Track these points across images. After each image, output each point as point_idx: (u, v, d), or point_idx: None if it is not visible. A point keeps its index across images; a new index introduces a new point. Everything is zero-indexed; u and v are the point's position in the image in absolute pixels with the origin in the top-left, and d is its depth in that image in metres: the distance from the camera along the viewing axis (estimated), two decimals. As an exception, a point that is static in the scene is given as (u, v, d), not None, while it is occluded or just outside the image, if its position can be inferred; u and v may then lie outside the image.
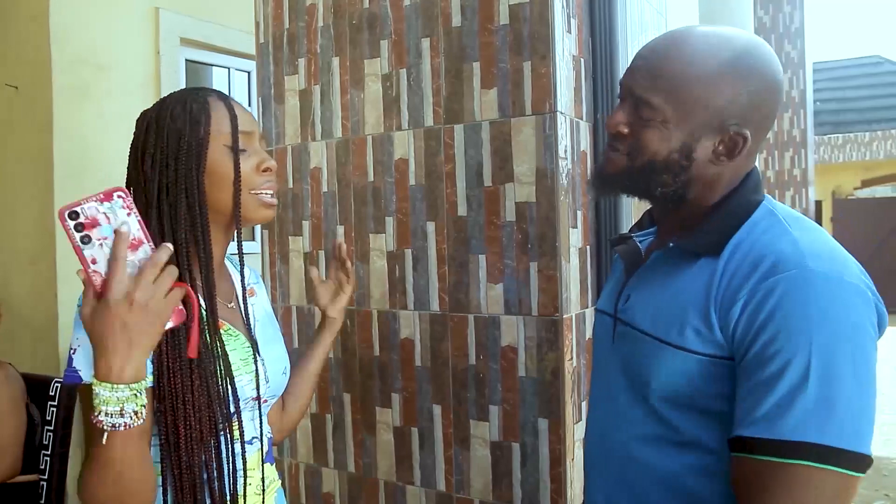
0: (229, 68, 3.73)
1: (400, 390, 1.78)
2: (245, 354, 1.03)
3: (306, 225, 1.96)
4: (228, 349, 0.99)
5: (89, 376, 0.87)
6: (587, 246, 1.72)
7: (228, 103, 1.02)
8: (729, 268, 0.84)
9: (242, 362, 1.02)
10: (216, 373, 0.95)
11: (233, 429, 0.98)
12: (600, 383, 1.05)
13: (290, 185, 1.98)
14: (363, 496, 1.87)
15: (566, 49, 1.61)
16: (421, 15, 1.73)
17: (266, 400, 1.08)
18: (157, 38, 3.22)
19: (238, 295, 1.11)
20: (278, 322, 1.30)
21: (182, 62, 3.41)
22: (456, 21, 1.67)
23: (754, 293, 0.80)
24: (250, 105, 3.75)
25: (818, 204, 10.47)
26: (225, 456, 0.95)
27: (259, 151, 1.04)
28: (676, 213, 0.96)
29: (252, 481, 1.03)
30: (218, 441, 0.94)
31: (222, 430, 0.95)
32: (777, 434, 0.75)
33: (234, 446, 0.98)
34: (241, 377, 1.00)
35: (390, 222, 1.80)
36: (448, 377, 1.70)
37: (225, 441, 0.95)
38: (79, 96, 2.92)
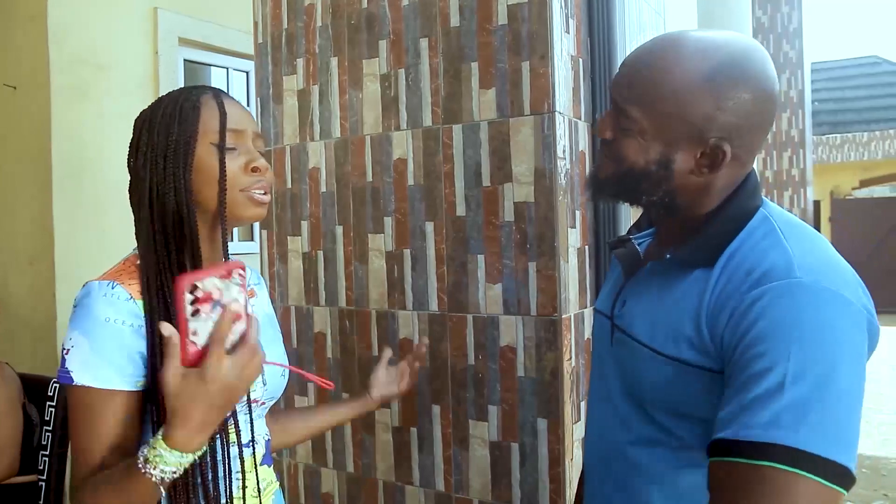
0: (228, 68, 3.73)
1: (399, 390, 1.78)
2: None
3: (305, 225, 1.96)
4: None
5: (82, 378, 0.88)
6: (586, 246, 1.72)
7: (220, 101, 1.00)
8: (722, 279, 0.84)
9: None
10: None
11: (228, 431, 0.97)
12: (599, 384, 1.05)
13: (289, 186, 1.98)
14: (362, 496, 1.87)
15: (564, 49, 1.61)
16: (419, 15, 1.73)
17: (264, 402, 1.08)
18: (156, 38, 3.22)
19: None
20: (277, 322, 1.30)
21: (180, 62, 3.41)
22: (454, 21, 1.67)
23: (741, 301, 0.79)
24: (249, 105, 3.75)
25: (816, 204, 10.47)
26: (220, 459, 0.95)
27: (250, 150, 1.02)
28: (672, 220, 0.96)
29: (248, 484, 1.02)
30: (213, 443, 0.94)
31: (217, 433, 0.94)
32: (746, 435, 0.73)
33: (230, 449, 0.98)
34: None
35: (389, 222, 1.80)
36: (447, 377, 1.70)
37: (221, 444, 0.95)
38: (77, 96, 2.92)
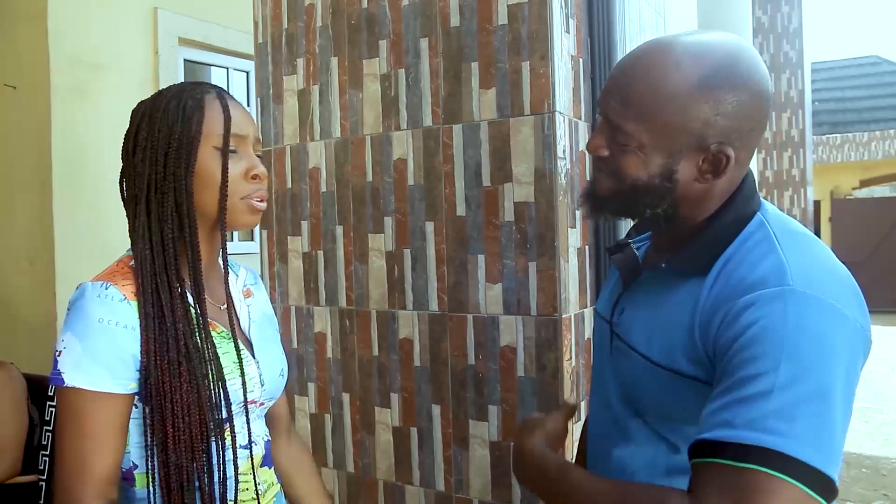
0: (228, 68, 3.73)
1: (399, 390, 1.78)
2: (236, 357, 1.01)
3: (305, 225, 1.96)
4: (220, 352, 0.98)
5: (73, 380, 0.88)
6: (586, 246, 1.72)
7: (225, 102, 0.99)
8: (716, 287, 0.83)
9: (234, 365, 1.00)
10: (208, 376, 0.94)
11: (224, 435, 0.96)
12: (599, 388, 1.05)
13: (289, 186, 1.98)
14: (362, 496, 1.87)
15: (565, 49, 1.61)
16: (419, 15, 1.73)
17: (263, 403, 1.07)
18: (156, 38, 3.22)
19: (231, 296, 1.09)
20: (277, 322, 1.30)
21: (180, 62, 3.40)
22: (454, 21, 1.67)
23: (732, 307, 0.79)
24: (249, 105, 3.75)
25: (816, 204, 10.48)
26: (216, 461, 0.94)
27: (250, 156, 1.00)
28: (670, 230, 0.95)
29: (247, 486, 1.01)
30: (207, 445, 0.93)
31: (214, 435, 0.93)
32: (731, 437, 0.72)
33: (227, 451, 0.96)
34: (234, 381, 0.99)
35: (389, 222, 1.80)
36: (447, 377, 1.70)
37: (216, 445, 0.94)
38: (77, 96, 2.91)
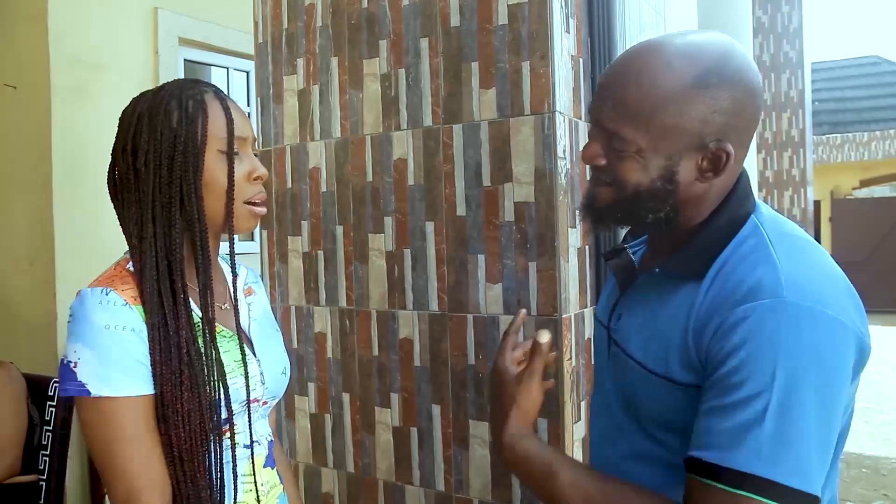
0: (228, 68, 3.73)
1: (399, 390, 1.78)
2: (238, 356, 1.01)
3: (305, 225, 1.95)
4: (222, 351, 0.98)
5: (99, 389, 0.87)
6: (586, 246, 1.72)
7: (225, 104, 0.98)
8: (711, 292, 0.83)
9: (236, 364, 1.00)
10: (209, 380, 0.94)
11: (222, 435, 0.96)
12: (600, 392, 1.05)
13: (289, 185, 1.98)
14: (362, 496, 1.87)
15: (565, 49, 1.61)
16: (419, 15, 1.73)
17: (265, 402, 1.07)
18: (156, 38, 3.22)
19: (231, 295, 1.09)
20: (277, 322, 1.30)
21: (180, 62, 3.40)
22: (454, 21, 1.67)
23: (726, 317, 0.78)
24: (249, 105, 3.75)
25: (817, 204, 10.45)
26: (217, 462, 0.94)
27: (251, 158, 1.00)
28: (670, 233, 0.94)
29: (250, 487, 1.01)
30: (208, 447, 0.93)
31: (214, 436, 0.93)
32: (727, 462, 0.74)
33: (226, 453, 0.96)
34: (236, 380, 0.99)
35: (389, 222, 1.80)
36: (447, 377, 1.70)
37: (216, 446, 0.94)
38: (77, 96, 2.91)
